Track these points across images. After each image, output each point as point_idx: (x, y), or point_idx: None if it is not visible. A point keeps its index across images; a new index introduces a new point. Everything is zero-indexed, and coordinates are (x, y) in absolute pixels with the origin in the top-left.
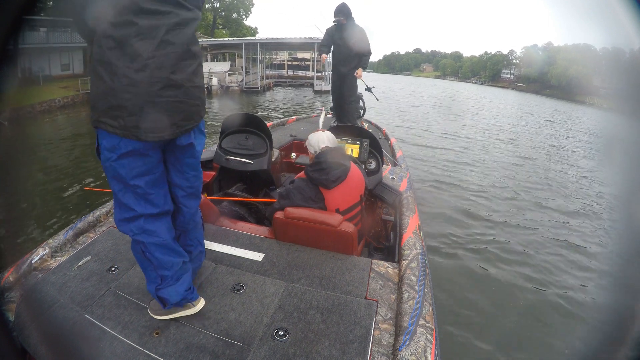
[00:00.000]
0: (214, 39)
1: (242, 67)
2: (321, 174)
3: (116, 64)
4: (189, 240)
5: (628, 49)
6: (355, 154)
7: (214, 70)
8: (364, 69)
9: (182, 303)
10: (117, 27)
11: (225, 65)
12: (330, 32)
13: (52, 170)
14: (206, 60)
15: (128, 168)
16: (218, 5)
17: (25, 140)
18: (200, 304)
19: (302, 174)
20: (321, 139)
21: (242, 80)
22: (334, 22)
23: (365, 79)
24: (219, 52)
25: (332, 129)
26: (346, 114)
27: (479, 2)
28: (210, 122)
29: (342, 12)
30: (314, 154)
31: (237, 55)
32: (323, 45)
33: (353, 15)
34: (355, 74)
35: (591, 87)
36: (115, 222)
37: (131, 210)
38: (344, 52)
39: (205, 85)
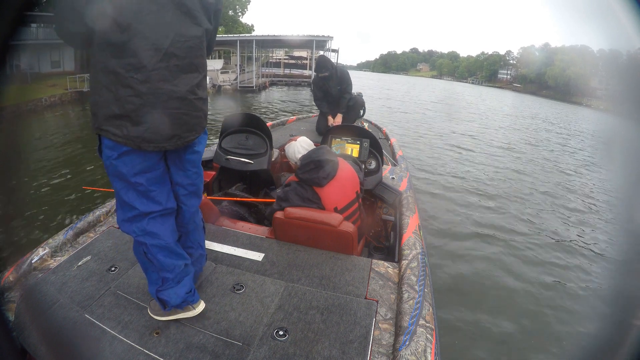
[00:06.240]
0: None
1: (236, 65)
2: (311, 174)
3: (121, 73)
4: (189, 242)
5: (625, 51)
6: (355, 154)
7: None
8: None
9: (183, 305)
10: (121, 36)
11: (217, 64)
12: (318, 85)
13: (46, 171)
14: None
15: (129, 165)
16: None
17: (13, 140)
18: (201, 306)
19: (293, 177)
20: (296, 149)
21: (235, 79)
22: (320, 76)
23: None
24: (213, 49)
25: (332, 129)
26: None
27: (476, 2)
28: None
29: (326, 68)
30: (295, 164)
31: (232, 53)
32: (320, 99)
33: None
34: (330, 124)
35: (588, 89)
36: (117, 223)
37: (133, 209)
38: (335, 94)
39: None
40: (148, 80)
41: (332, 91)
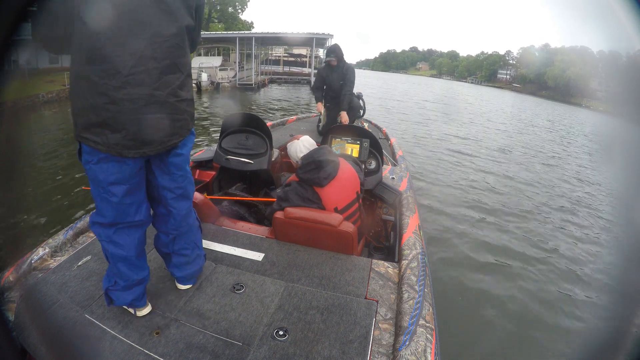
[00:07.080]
0: (206, 33)
1: (235, 63)
2: (312, 174)
3: (95, 80)
4: (185, 243)
5: (625, 52)
6: (355, 154)
7: (204, 66)
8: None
9: (129, 306)
10: (94, 41)
11: (216, 61)
12: (322, 73)
13: (45, 170)
14: (199, 55)
15: (106, 173)
16: None
17: (11, 138)
18: (145, 310)
19: (294, 176)
20: (298, 149)
21: (234, 76)
22: (324, 62)
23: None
24: (212, 46)
25: (333, 129)
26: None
27: (476, 2)
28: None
29: (335, 53)
30: (297, 163)
31: (231, 50)
32: (316, 88)
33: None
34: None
35: (588, 90)
36: (89, 222)
37: (103, 217)
38: (336, 89)
39: (195, 81)
40: (124, 86)
41: (333, 84)
